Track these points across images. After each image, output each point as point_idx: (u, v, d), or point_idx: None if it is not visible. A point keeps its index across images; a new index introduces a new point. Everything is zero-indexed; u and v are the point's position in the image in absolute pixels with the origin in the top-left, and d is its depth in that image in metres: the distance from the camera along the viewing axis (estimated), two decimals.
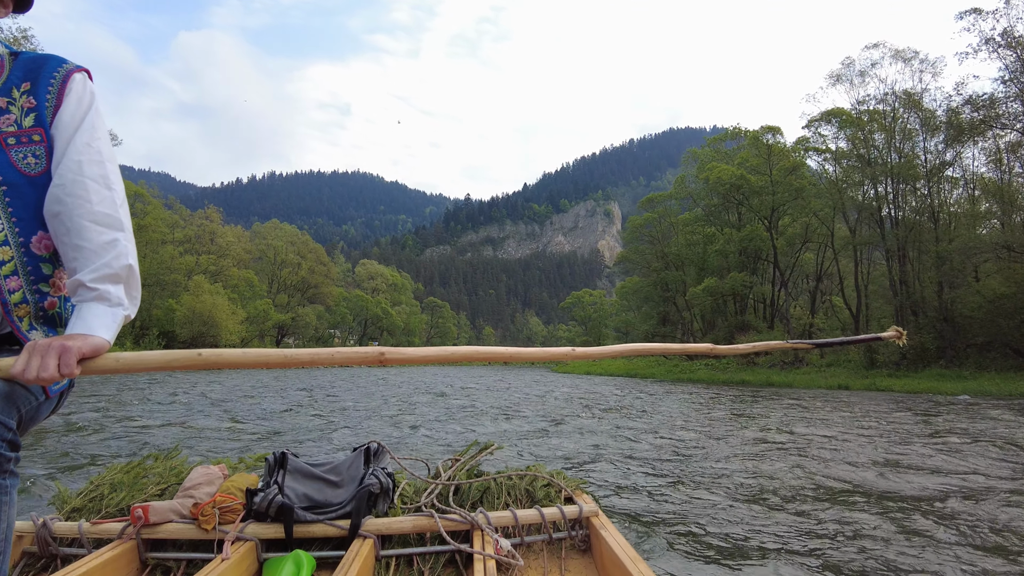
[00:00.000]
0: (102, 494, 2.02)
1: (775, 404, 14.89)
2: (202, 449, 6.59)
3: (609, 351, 1.60)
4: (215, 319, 42.09)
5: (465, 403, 13.83)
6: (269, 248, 69.59)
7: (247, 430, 8.28)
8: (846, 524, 3.92)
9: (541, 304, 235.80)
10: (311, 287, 74.53)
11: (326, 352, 1.26)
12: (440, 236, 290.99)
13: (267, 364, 1.25)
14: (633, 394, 17.34)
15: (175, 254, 50.38)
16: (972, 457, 6.65)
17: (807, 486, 5.10)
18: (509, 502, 2.09)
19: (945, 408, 13.91)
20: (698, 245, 43.68)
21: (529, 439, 7.91)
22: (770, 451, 7.07)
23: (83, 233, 1.17)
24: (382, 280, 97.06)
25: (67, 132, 1.24)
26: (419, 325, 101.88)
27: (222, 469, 2.13)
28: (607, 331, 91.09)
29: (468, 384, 22.92)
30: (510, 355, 1.53)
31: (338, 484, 1.99)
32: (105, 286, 1.16)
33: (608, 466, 5.91)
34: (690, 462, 6.25)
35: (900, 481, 5.33)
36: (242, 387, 18.01)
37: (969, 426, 9.92)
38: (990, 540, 3.63)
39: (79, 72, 1.30)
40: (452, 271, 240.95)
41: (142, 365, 1.13)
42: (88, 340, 1.09)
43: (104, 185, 1.22)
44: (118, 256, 1.19)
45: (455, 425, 9.40)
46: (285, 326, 67.49)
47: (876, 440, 8.10)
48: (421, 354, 1.34)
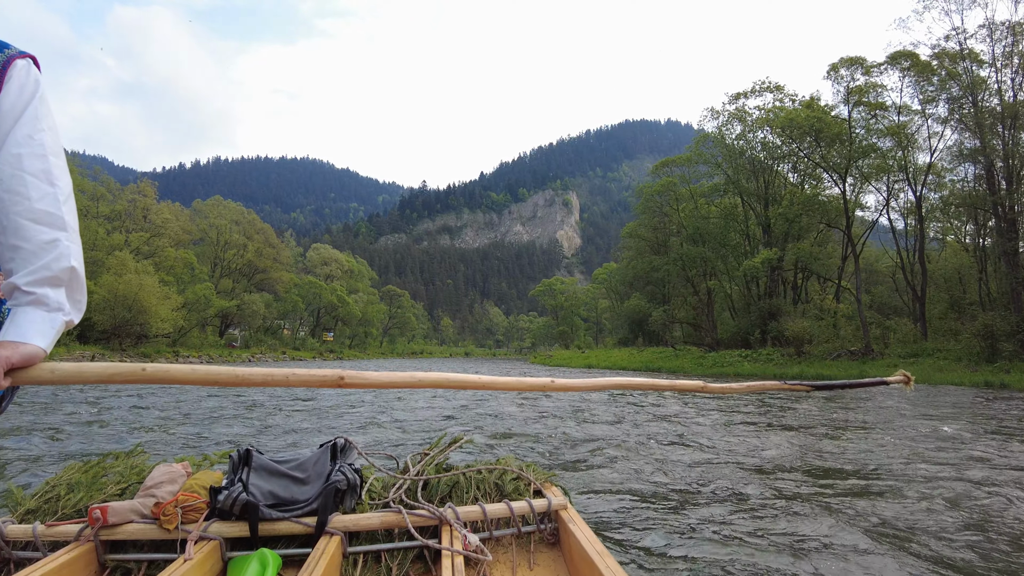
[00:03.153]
0: (58, 495, 1.93)
1: (852, 407, 11.11)
2: (164, 446, 6.26)
3: (592, 383, 1.66)
4: (142, 303, 35.16)
5: (437, 403, 11.78)
6: (211, 228, 62.38)
7: (209, 427, 7.91)
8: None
9: (500, 294, 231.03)
10: (258, 272, 67.68)
11: (280, 373, 1.23)
12: (395, 224, 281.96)
13: (216, 382, 1.19)
14: (652, 397, 13.11)
15: (99, 232, 43.33)
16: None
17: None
18: (478, 496, 2.06)
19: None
20: (718, 217, 37.87)
21: (504, 435, 7.31)
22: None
23: (21, 232, 1.07)
24: (337, 266, 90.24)
25: (6, 123, 1.11)
26: (377, 315, 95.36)
27: (185, 467, 2.05)
28: (578, 321, 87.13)
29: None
30: (483, 384, 1.48)
31: (304, 481, 1.94)
32: (43, 289, 1.07)
33: (589, 456, 5.80)
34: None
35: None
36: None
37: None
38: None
39: (22, 59, 1.16)
40: (408, 260, 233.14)
41: (80, 377, 1.08)
42: (19, 348, 1.01)
43: (46, 180, 1.11)
44: (59, 257, 1.09)
45: (421, 422, 8.60)
46: (229, 315, 60.79)
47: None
48: (384, 379, 1.33)
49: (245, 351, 54.15)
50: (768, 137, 34.57)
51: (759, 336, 30.92)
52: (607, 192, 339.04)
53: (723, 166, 36.95)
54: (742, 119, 35.43)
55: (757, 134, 35.27)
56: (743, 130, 35.49)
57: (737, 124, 35.92)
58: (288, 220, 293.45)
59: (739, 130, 35.72)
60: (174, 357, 38.12)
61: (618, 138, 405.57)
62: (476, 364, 47.41)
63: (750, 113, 35.15)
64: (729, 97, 35.64)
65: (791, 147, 30.53)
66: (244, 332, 67.29)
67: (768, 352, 28.65)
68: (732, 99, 35.47)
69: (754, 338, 30.94)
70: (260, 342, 62.83)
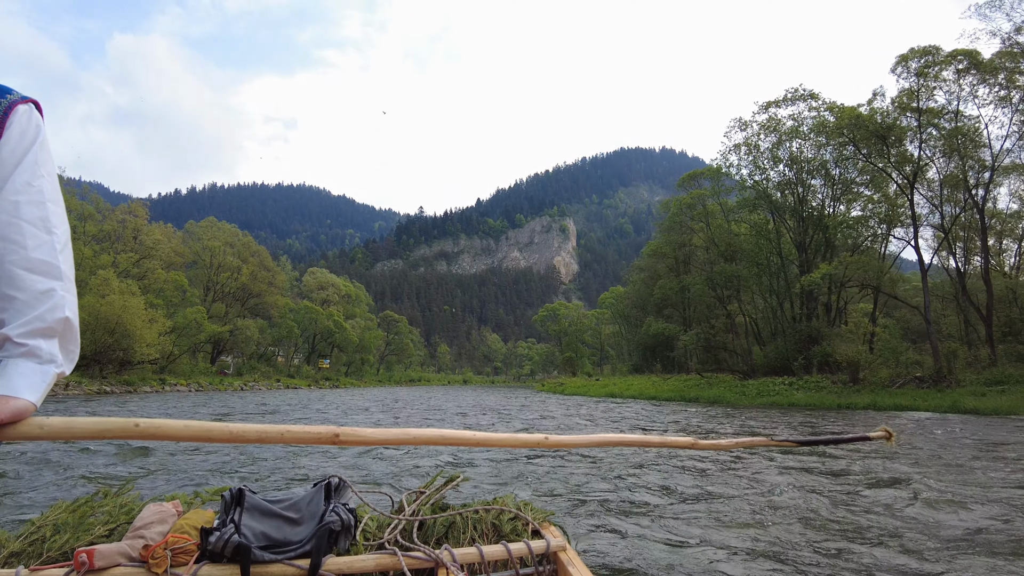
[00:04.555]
0: (44, 536, 1.86)
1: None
2: (156, 483, 5.85)
3: (588, 440, 1.65)
4: (126, 326, 32.21)
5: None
6: (205, 250, 59.91)
7: (202, 460, 7.28)
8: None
9: (498, 320, 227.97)
10: (253, 296, 65.08)
11: (275, 431, 1.22)
12: (392, 250, 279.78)
13: (210, 439, 1.18)
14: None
15: (86, 252, 40.81)
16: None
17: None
18: (475, 537, 2.04)
19: None
20: (749, 234, 35.18)
21: (500, 472, 6.67)
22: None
23: (15, 282, 1.05)
24: (334, 291, 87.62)
25: (5, 169, 1.10)
26: (374, 341, 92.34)
27: (176, 506, 2.03)
28: (582, 348, 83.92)
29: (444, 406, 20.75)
30: (478, 440, 1.48)
31: (297, 521, 1.92)
32: (36, 341, 1.05)
33: (589, 494, 5.40)
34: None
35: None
36: (200, 412, 15.81)
37: None
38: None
39: (24, 104, 1.15)
40: (405, 286, 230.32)
41: (70, 433, 1.05)
42: (9, 404, 0.98)
43: (43, 228, 1.10)
44: (53, 308, 1.07)
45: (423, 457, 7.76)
46: (221, 340, 58.02)
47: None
48: (380, 436, 1.32)
49: (237, 379, 51.31)
50: (804, 148, 32.44)
51: (802, 362, 28.22)
52: (603, 219, 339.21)
53: (754, 177, 34.63)
54: (775, 128, 33.28)
55: (790, 144, 33.04)
56: (777, 140, 33.25)
57: (768, 134, 33.76)
58: (283, 246, 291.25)
59: (771, 140, 33.50)
60: (160, 385, 35.33)
61: (614, 165, 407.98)
62: (477, 393, 44.63)
63: (783, 122, 33.00)
64: (759, 107, 33.45)
65: (847, 152, 28.15)
66: (237, 359, 64.42)
67: (816, 380, 25.90)
68: (762, 108, 33.30)
69: (797, 364, 28.19)
70: (253, 369, 59.97)
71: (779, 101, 32.93)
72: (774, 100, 33.21)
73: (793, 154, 32.97)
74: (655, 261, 45.34)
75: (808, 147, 32.02)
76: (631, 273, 67.53)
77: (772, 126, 33.43)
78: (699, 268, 40.30)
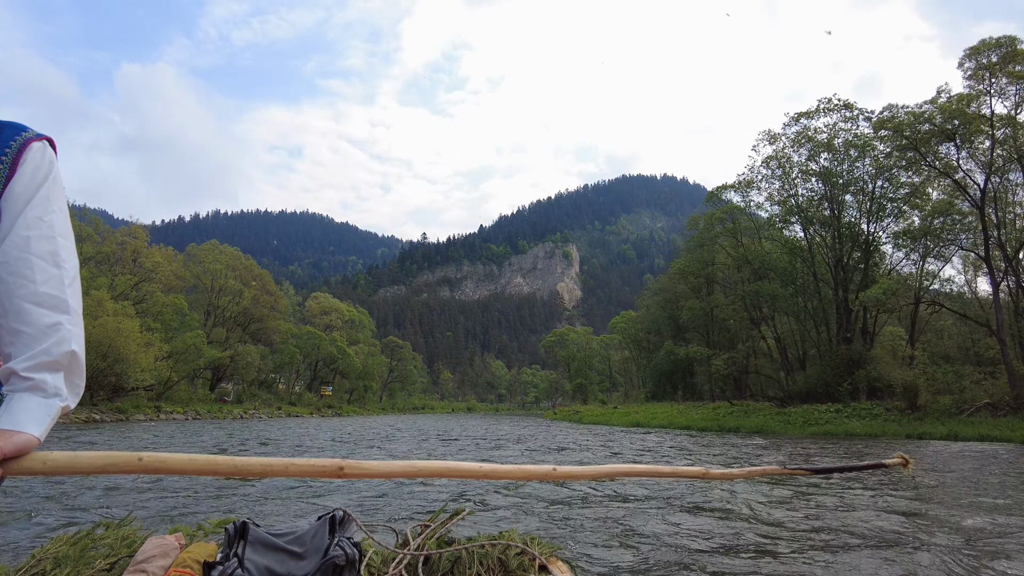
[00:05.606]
0: (44, 570, 1.83)
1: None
2: (157, 512, 5.65)
3: (596, 471, 1.60)
4: (119, 350, 30.47)
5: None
6: (206, 273, 58.34)
7: (205, 489, 7.04)
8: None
9: (501, 347, 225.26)
10: (254, 321, 63.35)
11: (279, 463, 1.21)
12: (394, 276, 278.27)
13: (215, 472, 1.17)
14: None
15: (83, 274, 39.23)
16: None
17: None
18: (481, 572, 1.99)
19: None
20: (782, 252, 33.07)
21: (505, 501, 6.45)
22: None
23: (23, 316, 1.05)
24: (337, 316, 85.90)
25: (18, 205, 1.11)
26: (378, 368, 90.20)
27: (178, 539, 1.98)
28: (592, 374, 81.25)
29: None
30: (484, 473, 1.48)
31: (301, 556, 1.88)
32: (41, 375, 1.03)
33: (598, 526, 5.01)
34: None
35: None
36: (205, 441, 15.39)
37: None
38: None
39: (38, 141, 1.17)
40: (407, 312, 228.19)
41: (74, 468, 1.04)
42: (12, 439, 0.97)
43: (52, 263, 1.10)
44: (59, 342, 1.06)
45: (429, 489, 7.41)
46: (222, 366, 56.08)
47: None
48: (384, 469, 1.31)
49: (237, 406, 49.26)
50: (839, 160, 30.60)
51: (849, 387, 26.10)
52: (606, 245, 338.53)
53: (787, 191, 32.85)
54: (810, 139, 31.61)
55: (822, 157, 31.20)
56: (810, 152, 31.56)
57: (800, 147, 32.15)
58: (286, 273, 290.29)
59: (804, 153, 31.83)
60: (155, 413, 33.35)
61: (616, 192, 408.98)
62: (484, 421, 42.53)
63: (817, 133, 31.31)
64: (789, 118, 31.92)
65: (906, 157, 26.28)
66: (238, 386, 62.38)
67: (867, 406, 23.75)
68: (793, 120, 31.73)
69: (844, 390, 26.07)
70: (254, 396, 57.89)
71: (811, 112, 31.52)
72: (806, 111, 31.87)
73: (826, 168, 31.29)
74: (675, 282, 43.34)
75: (842, 159, 30.33)
76: (644, 297, 65.66)
77: (804, 138, 31.91)
78: (727, 288, 38.27)
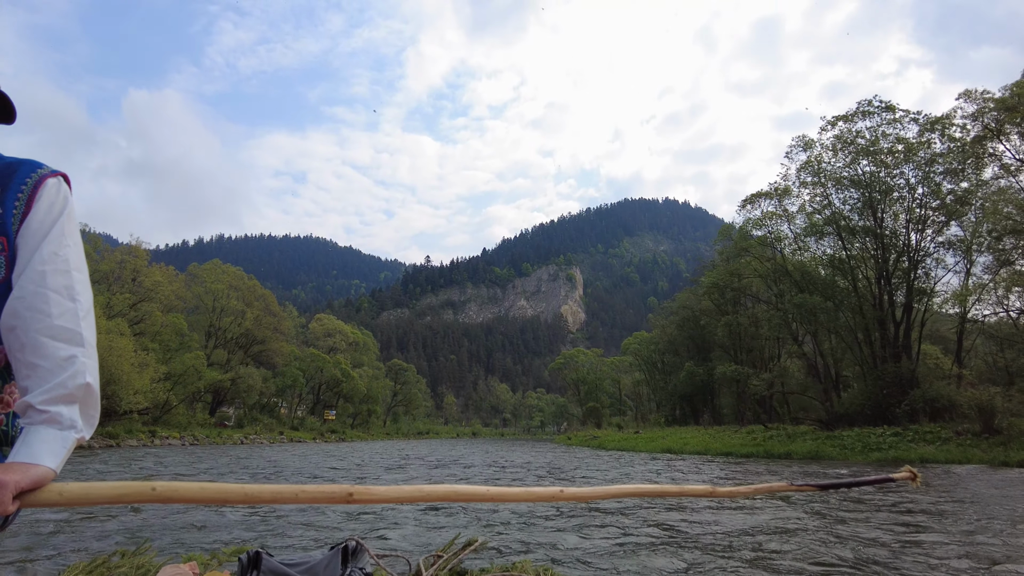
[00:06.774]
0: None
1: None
2: (173, 540, 5.57)
3: (604, 492, 1.58)
4: (111, 370, 28.54)
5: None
6: (207, 293, 56.57)
7: (217, 516, 7.08)
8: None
9: (505, 370, 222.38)
10: (256, 343, 61.40)
11: (289, 491, 1.21)
12: (398, 299, 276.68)
13: (227, 501, 1.18)
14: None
15: None
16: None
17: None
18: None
19: None
20: (824, 263, 31.14)
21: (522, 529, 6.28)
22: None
23: (39, 350, 1.07)
24: (341, 338, 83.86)
25: (34, 240, 1.14)
26: (382, 391, 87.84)
27: (192, 568, 1.98)
28: (604, 397, 78.45)
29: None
30: (491, 496, 1.49)
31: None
32: (57, 407, 1.05)
33: (616, 554, 4.76)
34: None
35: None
36: (217, 466, 15.27)
37: None
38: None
39: (53, 177, 1.21)
40: (411, 335, 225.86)
41: (88, 499, 1.04)
42: (29, 472, 0.98)
43: (67, 296, 1.13)
44: (74, 375, 1.08)
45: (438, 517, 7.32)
46: (222, 389, 54.02)
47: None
48: (393, 494, 1.32)
49: (238, 431, 47.11)
50: (881, 165, 28.66)
51: (907, 408, 24.01)
52: (609, 268, 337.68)
53: (828, 198, 30.84)
54: (852, 141, 29.81)
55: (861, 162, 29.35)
56: (851, 158, 29.79)
57: (837, 153, 30.42)
58: (289, 296, 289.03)
59: (842, 160, 30.07)
60: (149, 438, 31.30)
61: (618, 215, 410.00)
62: (496, 447, 40.36)
63: (858, 136, 29.49)
64: (825, 122, 30.39)
65: (977, 148, 24.52)
66: (239, 410, 60.18)
67: (931, 429, 21.54)
68: (829, 124, 30.09)
69: (901, 411, 23.91)
70: (255, 421, 55.70)
71: (850, 115, 29.83)
72: (843, 115, 30.15)
73: (870, 172, 29.44)
74: (697, 299, 41.33)
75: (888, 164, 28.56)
76: (658, 317, 63.61)
77: (843, 143, 30.18)
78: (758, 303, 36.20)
